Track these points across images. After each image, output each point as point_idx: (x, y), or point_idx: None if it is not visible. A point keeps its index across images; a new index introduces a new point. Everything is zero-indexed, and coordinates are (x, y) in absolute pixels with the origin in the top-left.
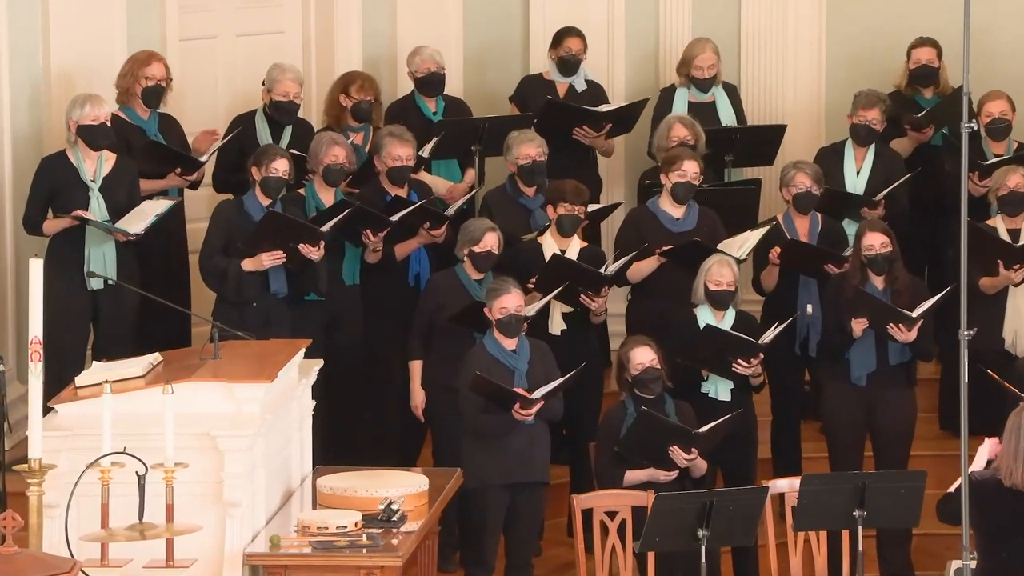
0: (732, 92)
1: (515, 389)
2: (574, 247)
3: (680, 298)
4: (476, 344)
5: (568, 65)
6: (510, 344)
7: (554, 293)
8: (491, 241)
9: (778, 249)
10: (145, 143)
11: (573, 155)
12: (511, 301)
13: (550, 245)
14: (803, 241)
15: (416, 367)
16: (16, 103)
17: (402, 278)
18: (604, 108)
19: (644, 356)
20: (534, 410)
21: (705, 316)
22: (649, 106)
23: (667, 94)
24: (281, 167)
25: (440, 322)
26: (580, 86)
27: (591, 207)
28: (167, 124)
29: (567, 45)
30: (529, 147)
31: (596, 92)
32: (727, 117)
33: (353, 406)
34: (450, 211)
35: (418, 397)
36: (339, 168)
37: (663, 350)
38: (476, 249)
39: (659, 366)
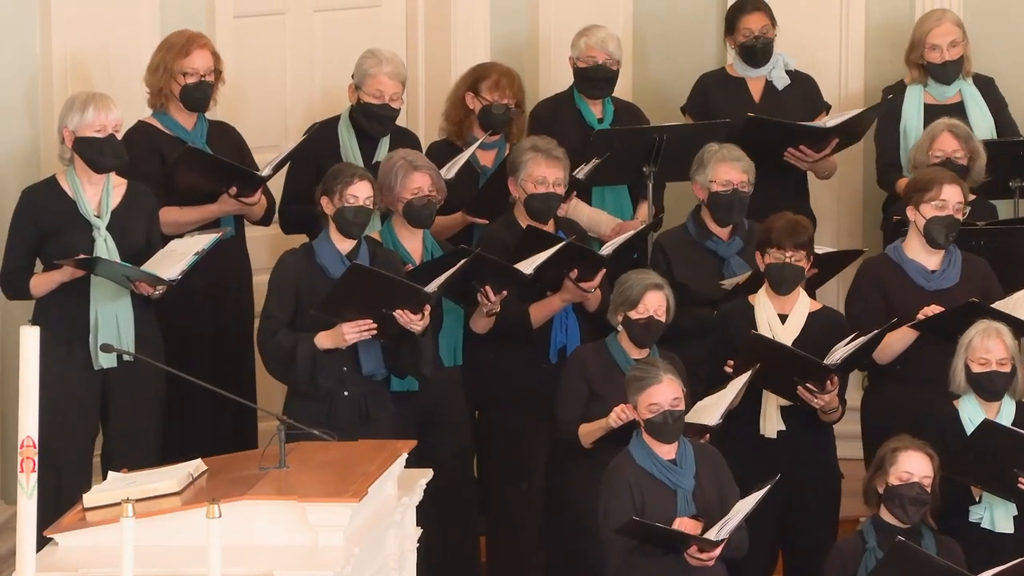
0: (987, 87)
1: (681, 521)
2: (800, 309)
3: (941, 384)
4: (620, 452)
5: (753, 53)
6: (667, 452)
7: (740, 388)
8: (654, 304)
9: None
10: (184, 151)
11: (776, 181)
12: (663, 393)
13: (765, 307)
14: None
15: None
16: (4, 107)
17: (539, 354)
18: (831, 121)
19: (919, 466)
20: (716, 552)
21: (970, 409)
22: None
23: (893, 95)
24: (362, 192)
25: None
26: (781, 81)
27: (822, 249)
28: (219, 134)
29: (744, 26)
30: (731, 169)
31: (805, 88)
32: (981, 124)
33: (463, 535)
34: (606, 249)
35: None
36: (426, 202)
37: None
38: (632, 315)
39: (930, 489)
